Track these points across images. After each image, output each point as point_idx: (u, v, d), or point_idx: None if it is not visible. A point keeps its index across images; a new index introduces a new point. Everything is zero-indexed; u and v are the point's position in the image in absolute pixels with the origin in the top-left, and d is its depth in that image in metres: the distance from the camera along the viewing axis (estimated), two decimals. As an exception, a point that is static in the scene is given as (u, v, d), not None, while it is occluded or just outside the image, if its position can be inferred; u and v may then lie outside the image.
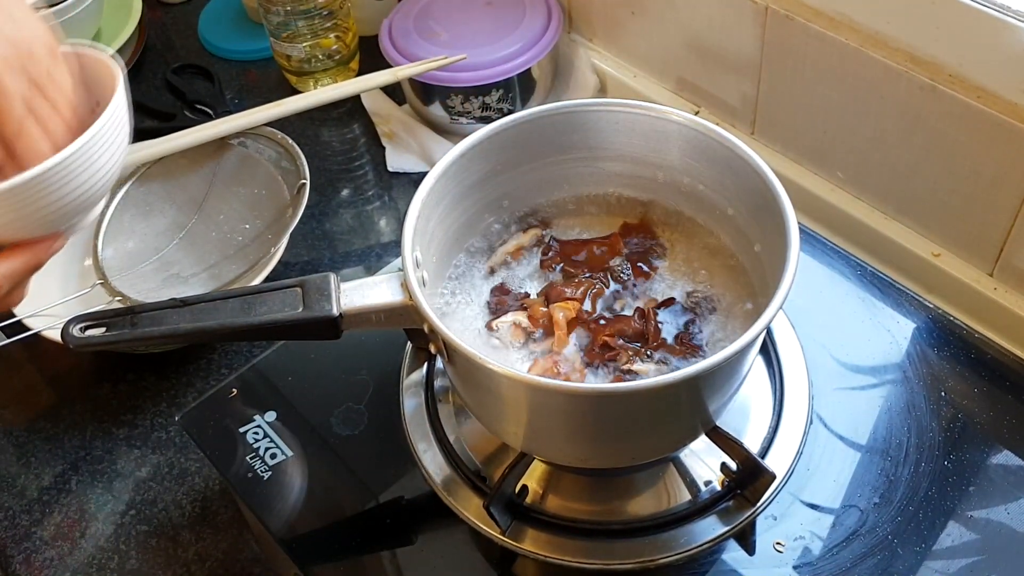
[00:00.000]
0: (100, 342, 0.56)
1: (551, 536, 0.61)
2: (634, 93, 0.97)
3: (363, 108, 1.04)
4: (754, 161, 0.59)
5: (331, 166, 1.00)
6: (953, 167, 0.73)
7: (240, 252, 0.87)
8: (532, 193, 0.69)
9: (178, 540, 0.73)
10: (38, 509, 0.76)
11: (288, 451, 0.68)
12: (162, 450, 0.79)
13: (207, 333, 0.55)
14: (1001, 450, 0.65)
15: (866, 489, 0.64)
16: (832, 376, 0.69)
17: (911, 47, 0.70)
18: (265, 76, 1.12)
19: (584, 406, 0.54)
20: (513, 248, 0.67)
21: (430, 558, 0.64)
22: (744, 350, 0.52)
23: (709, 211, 0.65)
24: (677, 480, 0.63)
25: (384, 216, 0.96)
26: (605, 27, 0.99)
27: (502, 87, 0.94)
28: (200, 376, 0.83)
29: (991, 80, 0.67)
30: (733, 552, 0.62)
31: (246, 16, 1.17)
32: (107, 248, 0.88)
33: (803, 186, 0.85)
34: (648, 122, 0.64)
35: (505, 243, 0.68)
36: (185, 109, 1.07)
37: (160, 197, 0.91)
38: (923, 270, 0.79)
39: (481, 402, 0.60)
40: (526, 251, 0.68)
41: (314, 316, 0.55)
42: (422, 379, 0.69)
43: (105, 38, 1.11)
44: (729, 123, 0.90)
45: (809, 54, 0.77)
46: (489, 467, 0.64)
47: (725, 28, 0.84)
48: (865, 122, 0.77)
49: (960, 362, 0.70)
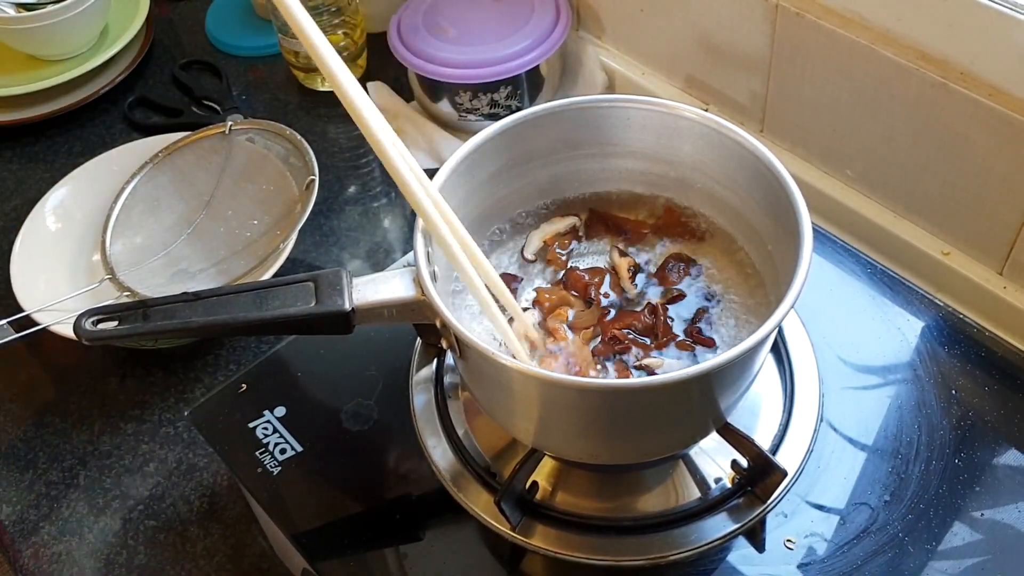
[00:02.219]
0: (112, 335, 0.55)
1: (561, 532, 0.61)
2: (643, 90, 0.97)
3: (371, 105, 1.04)
4: (767, 158, 0.59)
5: (339, 163, 1.00)
6: (963, 165, 0.73)
7: (248, 248, 0.87)
8: (543, 189, 0.69)
9: (186, 535, 0.73)
10: (46, 504, 0.76)
11: (298, 446, 0.68)
12: (170, 445, 0.79)
13: (219, 327, 0.55)
14: (1012, 449, 0.65)
15: (876, 487, 0.63)
16: (842, 374, 0.69)
17: (922, 45, 0.70)
18: (272, 72, 1.12)
19: (596, 401, 0.54)
20: (551, 235, 0.67)
21: (439, 553, 0.64)
22: (756, 347, 0.52)
23: (721, 208, 0.65)
24: (687, 477, 0.63)
25: (391, 213, 0.96)
26: (614, 24, 0.98)
27: (510, 84, 0.94)
28: (208, 371, 0.83)
29: (1003, 78, 0.67)
30: (743, 549, 0.62)
31: (253, 12, 1.17)
32: (115, 243, 0.88)
33: (812, 184, 0.85)
34: (660, 118, 0.63)
35: (539, 228, 0.68)
36: (192, 105, 1.07)
37: (168, 192, 0.91)
38: (933, 269, 0.79)
39: (492, 397, 0.60)
40: (561, 237, 0.67)
41: (326, 311, 0.55)
42: (432, 375, 0.69)
43: (112, 34, 1.11)
44: (738, 121, 0.90)
45: (819, 52, 0.77)
46: (499, 463, 0.64)
47: (735, 25, 0.84)
48: (875, 120, 0.77)
49: (970, 360, 0.70)
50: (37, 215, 0.91)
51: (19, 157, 1.06)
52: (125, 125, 1.07)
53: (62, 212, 0.92)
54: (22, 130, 1.07)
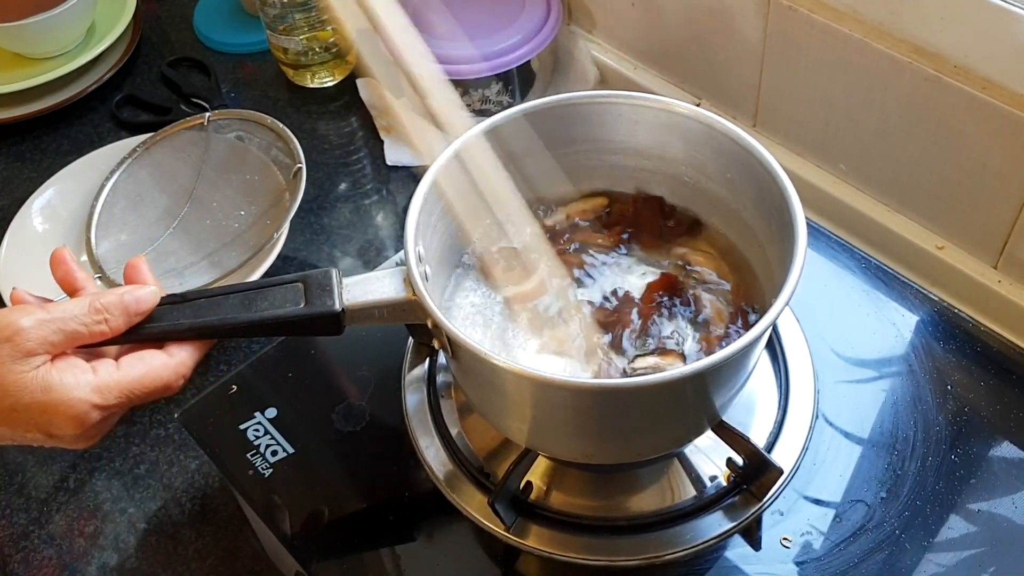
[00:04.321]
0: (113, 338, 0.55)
1: (555, 532, 0.61)
2: (635, 85, 0.96)
3: (361, 101, 1.04)
4: (759, 153, 0.58)
5: (329, 160, 1.00)
6: (958, 159, 0.72)
7: (239, 239, 0.86)
8: (535, 186, 0.68)
9: (178, 538, 0.72)
10: (36, 507, 0.75)
11: (289, 448, 0.68)
12: (161, 447, 0.78)
13: (208, 329, 0.54)
14: (1007, 443, 0.65)
15: (872, 484, 0.63)
16: (837, 370, 0.69)
17: (916, 38, 0.70)
18: (261, 69, 1.11)
19: (590, 401, 0.53)
20: (577, 210, 0.67)
21: (432, 555, 0.63)
22: (751, 345, 0.51)
23: (714, 204, 0.65)
24: (682, 476, 0.63)
25: (383, 210, 0.95)
26: (605, 19, 0.98)
27: (502, 80, 0.94)
28: (199, 373, 0.82)
29: (997, 71, 0.66)
30: (739, 548, 0.61)
31: (242, 9, 1.16)
32: (102, 242, 0.87)
33: (805, 178, 0.84)
34: (652, 114, 0.63)
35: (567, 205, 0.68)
36: (181, 103, 1.06)
37: (149, 187, 0.91)
38: (927, 263, 0.78)
39: (485, 398, 0.59)
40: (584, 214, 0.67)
41: (316, 312, 0.55)
42: (424, 374, 0.68)
43: (99, 32, 1.10)
44: (731, 115, 0.89)
45: (812, 45, 0.77)
46: (492, 463, 0.64)
47: (727, 19, 0.83)
48: (869, 114, 0.76)
49: (966, 355, 0.69)
50: (24, 216, 0.90)
51: (5, 157, 1.05)
52: (113, 124, 1.06)
53: (49, 212, 0.91)
54: (8, 129, 1.06)
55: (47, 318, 0.51)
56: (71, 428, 0.51)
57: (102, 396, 0.51)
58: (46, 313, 0.51)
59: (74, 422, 0.51)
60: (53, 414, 0.50)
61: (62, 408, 0.50)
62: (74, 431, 0.51)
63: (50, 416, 0.50)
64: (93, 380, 0.51)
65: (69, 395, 0.50)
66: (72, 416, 0.50)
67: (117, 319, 0.52)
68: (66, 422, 0.51)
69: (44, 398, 0.50)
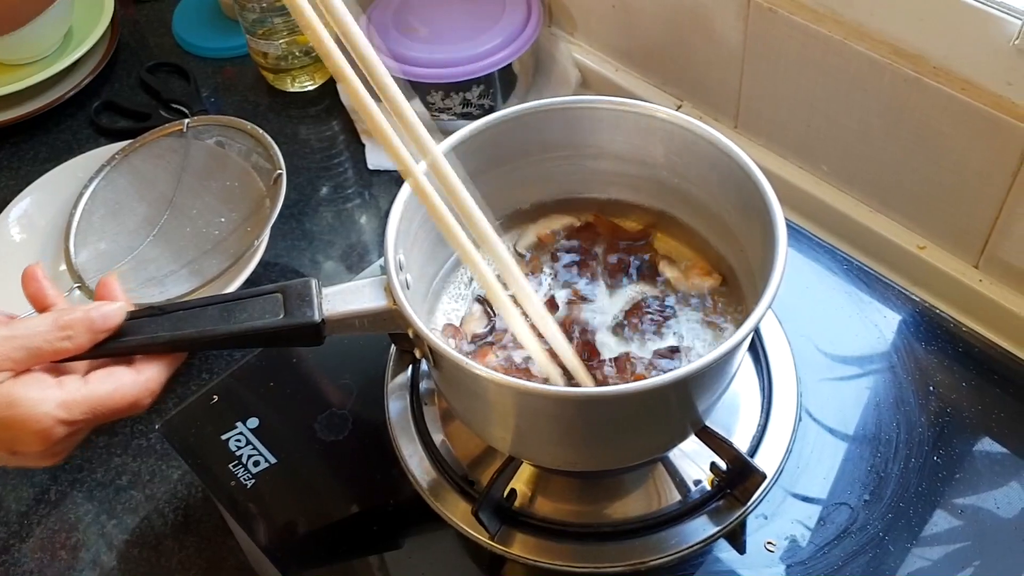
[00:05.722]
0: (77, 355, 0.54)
1: (540, 540, 0.60)
2: (616, 87, 0.96)
3: (341, 105, 1.03)
4: (739, 156, 0.58)
5: (310, 164, 0.99)
6: (938, 160, 0.73)
7: (218, 247, 0.85)
8: (516, 192, 0.68)
9: (160, 549, 0.72)
10: (16, 521, 0.75)
11: (271, 458, 0.67)
12: (143, 458, 0.78)
13: (186, 342, 0.54)
14: (990, 443, 0.65)
15: (856, 486, 0.63)
16: (820, 372, 0.69)
17: (895, 39, 0.70)
18: (241, 74, 1.10)
19: (572, 410, 0.53)
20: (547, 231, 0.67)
21: (417, 564, 0.63)
22: (732, 351, 0.51)
23: (695, 208, 0.65)
24: (667, 481, 0.63)
25: (365, 214, 0.95)
26: (586, 21, 0.98)
27: (483, 83, 0.93)
28: (180, 382, 0.82)
29: (976, 72, 0.67)
30: (724, 552, 0.61)
31: (221, 13, 1.15)
32: (80, 251, 0.86)
33: (787, 180, 0.84)
34: (632, 119, 0.63)
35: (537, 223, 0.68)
36: (160, 108, 1.05)
37: (128, 195, 0.90)
38: (908, 263, 0.79)
39: (468, 407, 0.59)
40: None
41: (296, 323, 0.54)
42: (407, 382, 0.68)
43: (77, 37, 1.09)
44: (712, 117, 0.89)
45: (792, 47, 0.77)
46: (476, 470, 0.63)
47: (707, 21, 0.83)
48: (849, 115, 0.76)
49: (947, 355, 0.69)
50: (1, 226, 0.89)
51: (-18, 164, 1.04)
52: (92, 130, 1.05)
53: (26, 222, 0.90)
54: (-15, 137, 1.05)
55: (9, 335, 0.50)
56: (36, 444, 0.50)
57: (68, 411, 0.50)
58: (8, 330, 0.50)
59: (38, 437, 0.49)
60: (18, 430, 0.49)
61: (27, 424, 0.49)
62: (39, 447, 0.50)
63: (14, 432, 0.49)
64: (59, 395, 0.50)
65: (34, 410, 0.49)
66: (36, 432, 0.49)
67: (81, 336, 0.51)
68: (30, 438, 0.49)
69: (7, 413, 0.49)
